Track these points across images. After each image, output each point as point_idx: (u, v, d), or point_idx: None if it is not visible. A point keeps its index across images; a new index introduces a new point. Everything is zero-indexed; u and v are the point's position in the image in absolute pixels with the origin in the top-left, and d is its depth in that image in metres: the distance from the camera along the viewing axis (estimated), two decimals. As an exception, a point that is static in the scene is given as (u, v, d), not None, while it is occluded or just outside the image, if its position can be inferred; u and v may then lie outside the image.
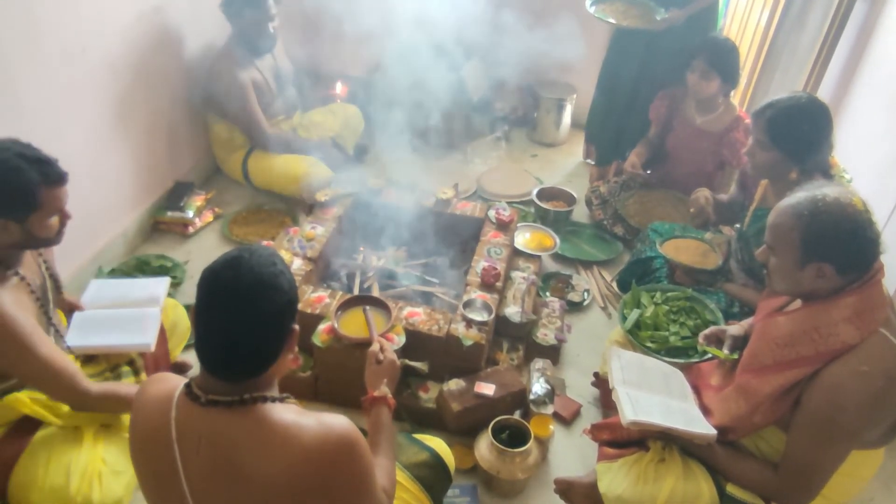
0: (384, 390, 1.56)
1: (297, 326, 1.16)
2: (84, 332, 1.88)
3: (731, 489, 1.57)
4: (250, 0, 2.90)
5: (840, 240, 1.38)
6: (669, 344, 2.05)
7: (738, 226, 2.30)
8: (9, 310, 1.53)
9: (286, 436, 1.08)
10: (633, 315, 2.13)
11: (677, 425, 1.57)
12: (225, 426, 1.08)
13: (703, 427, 1.59)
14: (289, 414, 1.11)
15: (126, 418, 1.78)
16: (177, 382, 1.16)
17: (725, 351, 1.76)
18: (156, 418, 1.12)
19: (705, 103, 2.78)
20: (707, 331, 1.86)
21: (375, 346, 1.66)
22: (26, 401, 1.66)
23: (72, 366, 1.62)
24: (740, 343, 1.77)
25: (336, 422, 1.13)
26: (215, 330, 1.08)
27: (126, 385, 1.76)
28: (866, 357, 1.38)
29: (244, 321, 1.07)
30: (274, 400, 1.12)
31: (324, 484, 1.10)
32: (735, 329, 1.81)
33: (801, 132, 1.87)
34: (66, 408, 1.72)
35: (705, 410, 1.70)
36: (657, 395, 1.71)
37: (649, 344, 2.04)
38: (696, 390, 1.80)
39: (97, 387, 1.66)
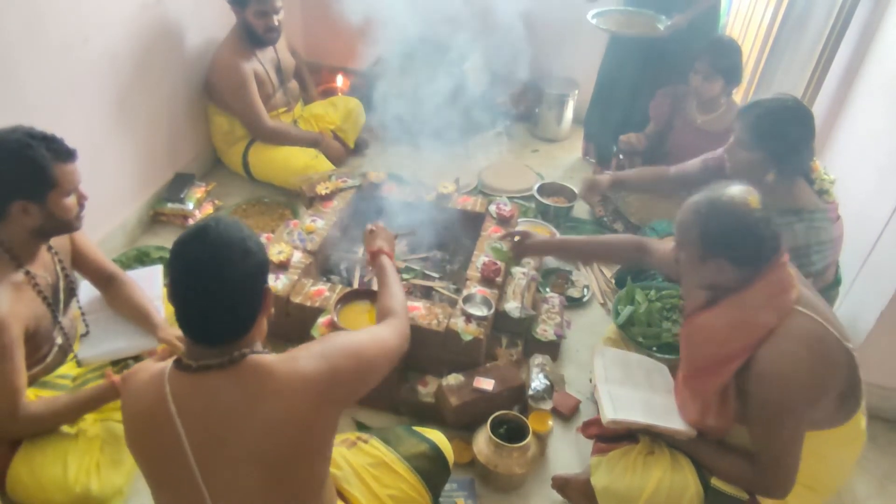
0: (380, 244, 1.88)
1: (269, 287, 1.22)
2: (94, 342, 1.89)
3: (715, 482, 1.60)
4: None
5: (734, 237, 1.46)
6: (661, 340, 2.07)
7: None
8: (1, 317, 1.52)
9: (285, 371, 1.15)
10: (627, 311, 2.16)
11: (657, 422, 1.61)
12: (223, 384, 1.13)
13: (683, 423, 1.63)
14: (277, 356, 1.18)
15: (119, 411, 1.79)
16: (162, 364, 1.20)
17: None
18: (150, 398, 1.15)
19: (708, 103, 2.78)
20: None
21: (369, 225, 1.98)
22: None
23: (19, 387, 1.58)
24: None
25: (319, 344, 1.24)
26: (193, 297, 1.11)
27: (76, 398, 1.69)
28: (786, 335, 1.44)
29: (219, 285, 1.10)
30: (258, 353, 1.18)
31: (335, 393, 1.19)
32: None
33: (785, 133, 1.85)
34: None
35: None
36: (640, 391, 1.75)
37: (641, 339, 2.07)
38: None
39: (34, 407, 1.61)
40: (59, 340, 1.78)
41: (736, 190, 1.49)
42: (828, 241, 1.88)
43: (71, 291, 1.82)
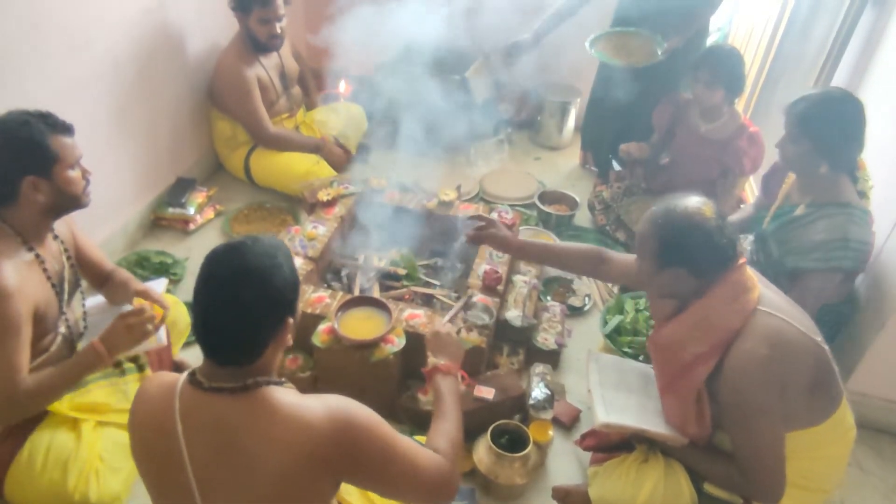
0: (439, 359, 1.57)
1: (291, 319, 1.17)
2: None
3: (707, 487, 1.61)
4: None
5: (689, 246, 1.48)
6: (647, 350, 2.06)
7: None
8: (6, 286, 1.52)
9: (289, 415, 1.10)
10: (614, 321, 2.18)
11: (649, 427, 1.62)
12: (229, 411, 1.11)
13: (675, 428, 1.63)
14: (291, 396, 1.14)
15: (121, 414, 1.79)
16: (177, 376, 1.18)
17: None
18: (159, 409, 1.14)
19: (710, 111, 2.77)
20: None
21: (441, 327, 1.68)
22: None
23: (20, 365, 1.57)
24: None
25: (337, 400, 1.17)
26: (204, 309, 1.11)
27: (62, 366, 1.67)
28: (748, 335, 1.46)
29: (228, 304, 1.09)
30: (275, 384, 1.15)
31: (330, 459, 1.12)
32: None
33: (831, 124, 1.88)
34: (69, 400, 1.72)
35: None
36: (634, 397, 1.75)
37: (627, 349, 2.08)
38: None
39: (31, 380, 1.59)
40: (62, 330, 1.77)
41: (692, 200, 1.52)
42: (864, 242, 1.87)
43: (76, 283, 1.83)
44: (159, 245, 2.89)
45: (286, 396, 1.13)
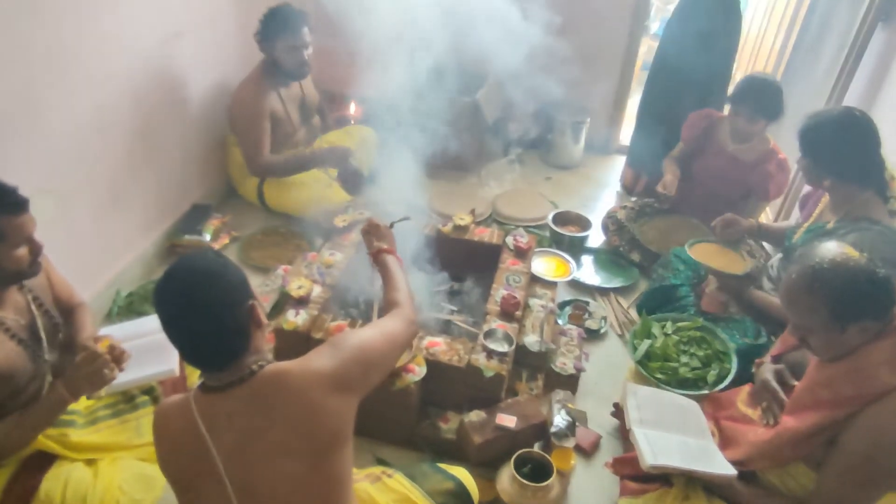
0: (378, 244, 1.85)
1: (253, 301, 1.27)
2: None
3: None
4: (287, 25, 2.88)
5: (863, 292, 1.42)
6: (679, 375, 2.05)
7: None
8: None
9: (298, 370, 1.24)
10: (643, 346, 2.14)
11: (697, 467, 1.58)
12: (245, 396, 1.22)
13: (722, 466, 1.60)
14: (292, 361, 1.27)
15: (135, 450, 1.81)
16: (184, 394, 1.29)
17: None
18: (179, 421, 1.24)
19: (743, 134, 2.77)
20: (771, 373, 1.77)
21: (363, 227, 1.95)
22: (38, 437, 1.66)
23: None
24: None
25: (328, 342, 1.33)
26: (182, 330, 1.20)
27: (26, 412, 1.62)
28: None
29: (199, 311, 1.18)
30: (272, 362, 1.28)
31: (343, 379, 1.26)
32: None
33: (825, 141, 1.98)
34: (76, 441, 1.72)
35: (726, 441, 1.69)
36: (675, 434, 1.72)
37: (659, 375, 2.05)
38: (715, 421, 1.79)
39: None
40: (49, 378, 1.73)
41: (827, 252, 1.47)
42: (891, 262, 1.81)
43: (55, 328, 1.78)
44: (175, 272, 2.90)
45: (289, 362, 1.26)
